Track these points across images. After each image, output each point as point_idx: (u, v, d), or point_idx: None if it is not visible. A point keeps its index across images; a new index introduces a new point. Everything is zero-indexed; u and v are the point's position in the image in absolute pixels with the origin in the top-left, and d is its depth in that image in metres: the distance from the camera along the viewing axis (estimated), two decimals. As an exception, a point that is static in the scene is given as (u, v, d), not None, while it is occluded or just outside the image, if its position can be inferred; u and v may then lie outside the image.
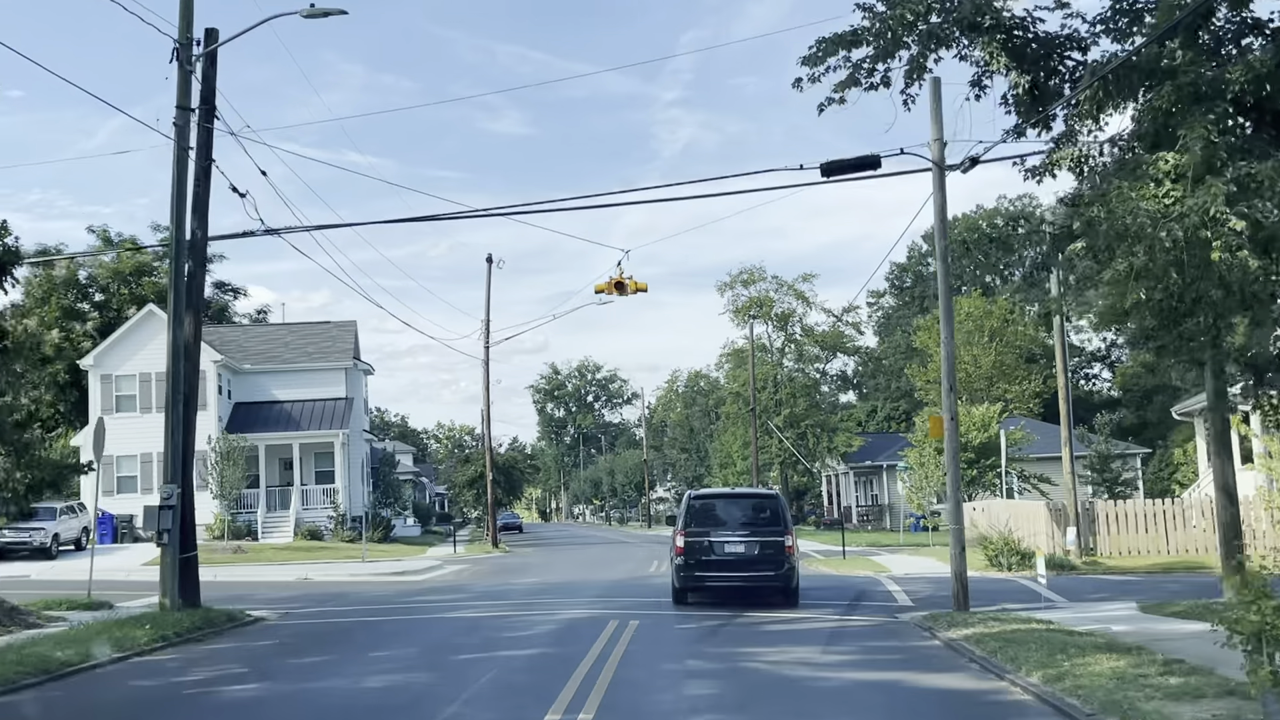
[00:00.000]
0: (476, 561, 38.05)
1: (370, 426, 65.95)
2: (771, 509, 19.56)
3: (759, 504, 20.07)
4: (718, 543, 18.76)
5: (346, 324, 54.89)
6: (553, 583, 25.68)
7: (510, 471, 51.66)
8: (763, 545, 18.70)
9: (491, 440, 48.49)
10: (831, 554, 39.94)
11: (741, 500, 20.82)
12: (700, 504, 19.92)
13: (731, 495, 22.47)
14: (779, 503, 20.03)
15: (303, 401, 51.47)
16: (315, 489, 50.30)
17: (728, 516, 19.45)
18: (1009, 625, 14.80)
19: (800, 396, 61.16)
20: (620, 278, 25.42)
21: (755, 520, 19.22)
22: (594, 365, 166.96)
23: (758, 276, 62.00)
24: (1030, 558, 27.04)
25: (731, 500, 20.86)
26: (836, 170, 17.82)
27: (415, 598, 22.25)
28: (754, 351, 54.28)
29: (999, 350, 78.47)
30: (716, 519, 19.38)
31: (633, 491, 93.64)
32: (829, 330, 63.33)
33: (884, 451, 64.12)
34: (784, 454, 59.10)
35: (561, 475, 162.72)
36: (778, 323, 62.38)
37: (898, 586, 22.52)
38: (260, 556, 41.35)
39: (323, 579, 29.05)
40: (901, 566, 29.88)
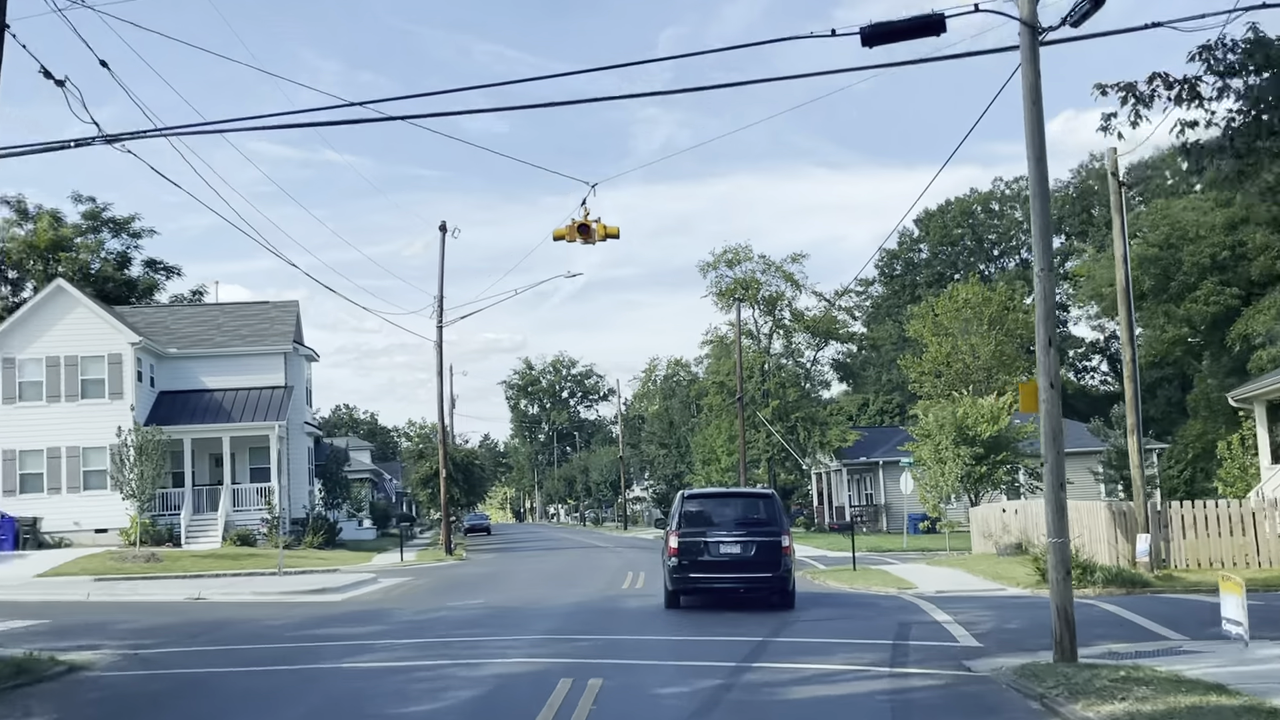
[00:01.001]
0: (421, 573, 32.63)
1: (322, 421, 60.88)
2: (767, 509, 19.23)
3: (754, 503, 19.73)
4: (713, 543, 18.41)
5: (287, 304, 49.33)
6: (501, 606, 20.28)
7: (470, 469, 46.18)
8: (759, 546, 18.38)
9: (448, 433, 42.93)
10: (835, 562, 34.73)
11: (736, 500, 20.47)
12: (694, 504, 19.56)
13: (726, 494, 22.27)
14: (774, 502, 19.62)
15: (236, 390, 45.89)
16: (249, 488, 44.74)
17: (722, 516, 19.09)
18: (1170, 697, 9.58)
19: (790, 387, 55.99)
20: (585, 219, 20.10)
21: (750, 520, 18.86)
22: (569, 360, 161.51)
23: (743, 256, 56.85)
24: (1092, 571, 21.89)
25: (726, 500, 20.55)
26: (884, 36, 12.56)
27: (315, 630, 16.88)
28: (740, 334, 49.03)
29: (999, 339, 73.61)
30: (711, 519, 19.01)
31: (608, 490, 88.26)
32: (821, 314, 58.17)
33: (880, 447, 59.03)
34: (773, 449, 53.96)
35: (535, 474, 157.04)
36: (765, 307, 57.21)
37: (945, 615, 17.27)
38: (176, 566, 35.98)
39: (220, 598, 23.62)
40: (928, 580, 24.67)
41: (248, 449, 46.00)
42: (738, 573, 18.44)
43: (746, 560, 18.35)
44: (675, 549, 18.38)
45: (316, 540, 43.45)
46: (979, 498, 46.68)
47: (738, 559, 18.38)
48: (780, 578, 18.44)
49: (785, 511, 21.37)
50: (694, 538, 18.40)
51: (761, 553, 18.32)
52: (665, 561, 19.11)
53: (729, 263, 56.66)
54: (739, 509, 19.42)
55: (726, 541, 18.44)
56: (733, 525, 18.76)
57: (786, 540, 18.52)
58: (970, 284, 77.05)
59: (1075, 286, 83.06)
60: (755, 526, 18.64)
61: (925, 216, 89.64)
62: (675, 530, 18.62)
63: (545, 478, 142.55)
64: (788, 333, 57.69)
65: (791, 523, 63.53)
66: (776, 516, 19.02)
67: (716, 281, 56.63)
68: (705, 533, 18.49)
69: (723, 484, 49.98)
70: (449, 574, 31.91)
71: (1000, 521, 29.44)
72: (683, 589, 18.66)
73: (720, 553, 18.40)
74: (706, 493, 22.38)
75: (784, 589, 18.65)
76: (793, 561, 19.06)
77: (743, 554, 18.38)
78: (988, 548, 31.17)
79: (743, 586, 18.64)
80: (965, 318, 74.04)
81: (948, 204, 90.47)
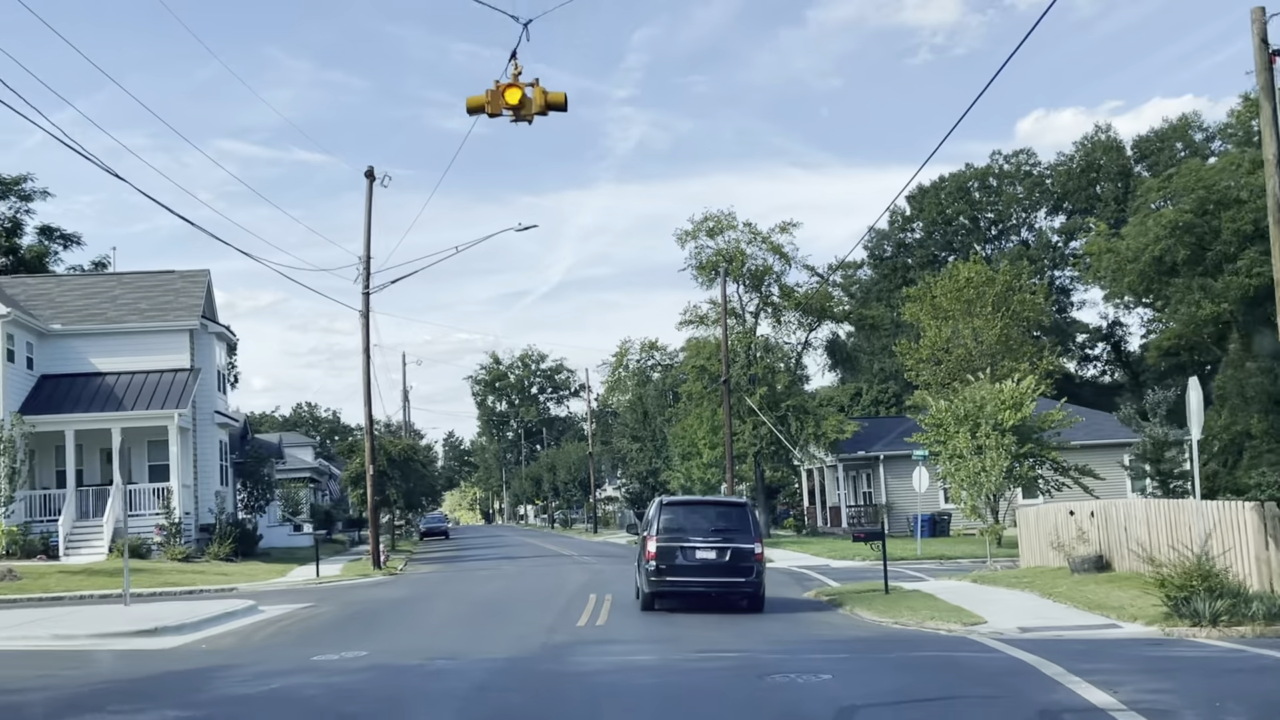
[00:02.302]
0: (327, 596, 25.73)
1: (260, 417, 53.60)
2: (740, 517, 19.92)
3: (728, 512, 20.40)
4: (689, 549, 19.15)
5: (195, 274, 42.20)
6: (386, 666, 13.38)
7: (410, 465, 39.19)
8: (734, 552, 19.15)
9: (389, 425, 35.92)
10: (844, 575, 28.13)
11: (712, 507, 21.26)
12: (672, 510, 20.12)
13: (702, 502, 23.23)
14: (748, 510, 20.44)
15: (133, 374, 38.86)
16: (146, 489, 37.76)
17: (699, 523, 19.69)
18: None
19: (780, 372, 49.32)
20: (515, 82, 13.34)
21: (725, 528, 19.50)
22: (538, 355, 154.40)
23: (726, 224, 50.03)
24: (1247, 603, 15.31)
25: (702, 507, 21.35)
26: None
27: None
28: (726, 307, 42.26)
29: (1004, 322, 67.22)
30: (687, 525, 19.58)
31: (576, 490, 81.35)
32: (815, 290, 51.50)
33: (880, 439, 52.53)
34: (760, 441, 47.31)
35: (504, 473, 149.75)
36: (751, 282, 50.42)
37: (1098, 694, 10.38)
38: (34, 586, 29.36)
39: (5, 645, 16.68)
40: (998, 611, 18.02)
41: (146, 443, 38.99)
42: (713, 577, 19.19)
43: (721, 566, 19.09)
44: (653, 554, 19.03)
45: (224, 550, 36.51)
46: (1000, 499, 40.53)
47: (713, 564, 19.08)
48: (753, 583, 19.32)
49: (758, 520, 21.55)
50: (672, 543, 19.06)
51: (736, 559, 19.09)
52: (643, 566, 19.65)
53: (710, 232, 49.92)
54: (714, 517, 20.02)
55: (702, 547, 19.10)
56: (708, 532, 19.35)
57: (759, 548, 19.37)
58: (973, 262, 70.73)
59: (1081, 268, 76.85)
60: (730, 534, 19.28)
61: (919, 193, 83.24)
62: (654, 536, 19.16)
63: (513, 477, 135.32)
64: (776, 311, 50.98)
65: (777, 524, 57.03)
66: (750, 525, 19.66)
67: (696, 253, 49.94)
68: (682, 539, 19.13)
69: (704, 481, 43.45)
70: (360, 598, 25.01)
71: (1071, 527, 22.84)
72: (659, 592, 19.39)
73: (696, 558, 19.07)
74: (684, 500, 23.32)
75: (755, 594, 19.53)
76: (764, 568, 19.89)
77: (718, 560, 19.09)
78: (1048, 559, 24.60)
79: (717, 591, 19.44)
80: (967, 299, 67.64)
81: (942, 180, 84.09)
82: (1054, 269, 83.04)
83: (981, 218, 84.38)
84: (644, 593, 19.61)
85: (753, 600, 19.51)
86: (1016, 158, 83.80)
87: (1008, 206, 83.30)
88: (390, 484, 38.60)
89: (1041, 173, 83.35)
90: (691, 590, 19.30)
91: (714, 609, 19.20)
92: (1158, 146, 77.52)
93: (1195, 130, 76.49)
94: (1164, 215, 51.18)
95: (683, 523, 19.55)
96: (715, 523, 19.66)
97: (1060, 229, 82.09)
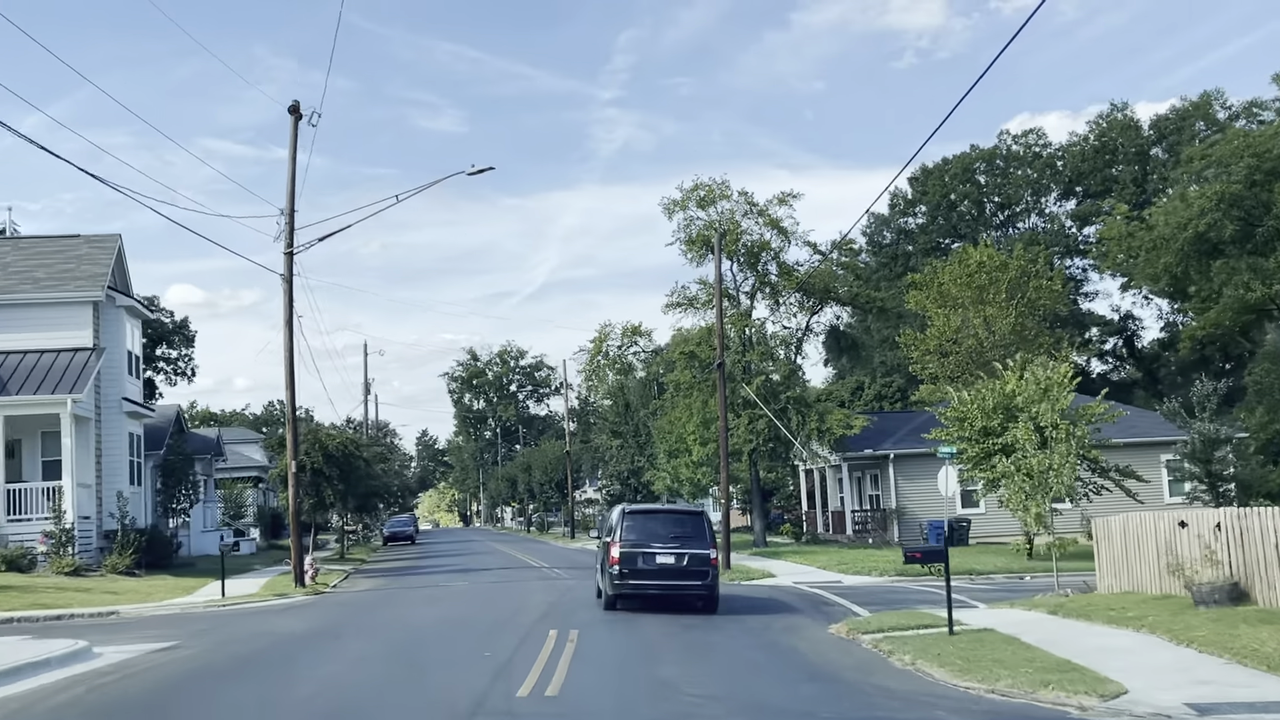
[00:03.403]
0: (208, 629, 19.93)
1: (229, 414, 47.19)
2: (696, 525, 21.45)
3: (685, 520, 21.86)
4: (649, 554, 20.58)
5: (103, 239, 36.23)
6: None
7: (352, 461, 33.29)
8: (691, 557, 20.67)
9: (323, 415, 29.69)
10: (865, 597, 22.57)
11: (670, 515, 22.55)
12: (634, 519, 21.41)
13: (662, 511, 23.66)
14: (704, 519, 21.94)
15: (23, 353, 32.96)
16: (36, 488, 31.91)
17: (658, 531, 21.06)
18: None
19: (779, 360, 43.65)
20: None
21: (683, 534, 20.99)
22: (517, 351, 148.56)
23: (719, 194, 44.26)
24: None
25: (661, 515, 22.53)
26: None
27: None
28: (720, 275, 36.53)
29: (1019, 312, 61.75)
30: (648, 532, 20.93)
31: (553, 491, 75.54)
32: (818, 268, 45.79)
33: (889, 436, 46.94)
34: (756, 438, 41.64)
35: (481, 474, 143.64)
36: (746, 259, 44.68)
37: None
38: None
39: None
40: (1137, 671, 12.41)
41: (39, 435, 33.20)
42: (671, 580, 20.77)
43: (680, 569, 20.71)
44: (617, 558, 20.54)
45: (124, 562, 30.64)
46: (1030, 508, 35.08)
47: (671, 568, 20.68)
48: (708, 585, 20.93)
49: (713, 528, 22.90)
50: (634, 549, 20.60)
51: (693, 563, 20.73)
52: (606, 569, 21.02)
53: (701, 202, 44.19)
54: (672, 524, 21.48)
55: (662, 553, 20.68)
56: (667, 539, 20.87)
57: (714, 554, 21.29)
58: (985, 246, 65.23)
59: (1096, 255, 71.47)
60: (687, 540, 20.89)
61: (921, 174, 77.73)
62: (617, 542, 20.65)
63: (490, 478, 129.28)
64: (774, 292, 45.28)
65: (774, 530, 51.38)
66: (705, 532, 21.32)
67: (685, 225, 44.17)
68: (643, 545, 20.66)
69: (693, 482, 37.89)
70: (251, 631, 19.22)
71: (1191, 543, 17.20)
72: (622, 593, 20.76)
73: (656, 563, 20.64)
74: (645, 509, 23.60)
75: (710, 595, 21.06)
76: (719, 572, 21.80)
77: (676, 564, 20.70)
78: (1143, 582, 19.01)
79: (674, 593, 20.94)
80: (979, 285, 62.11)
81: (945, 163, 78.63)
82: (1065, 257, 77.65)
83: (988, 202, 78.95)
84: (607, 594, 21.14)
85: (707, 601, 21.08)
86: (1025, 138, 78.45)
87: (1016, 190, 77.86)
88: (328, 484, 32.78)
89: (1052, 154, 77.94)
90: (651, 592, 20.79)
91: (672, 609, 20.59)
92: (1177, 126, 72.19)
93: (1219, 108, 71.22)
94: (1210, 188, 45.67)
95: (643, 530, 20.98)
96: (673, 530, 21.15)
97: (1073, 213, 76.64)
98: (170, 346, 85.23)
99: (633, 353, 46.44)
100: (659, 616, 20.16)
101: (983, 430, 35.86)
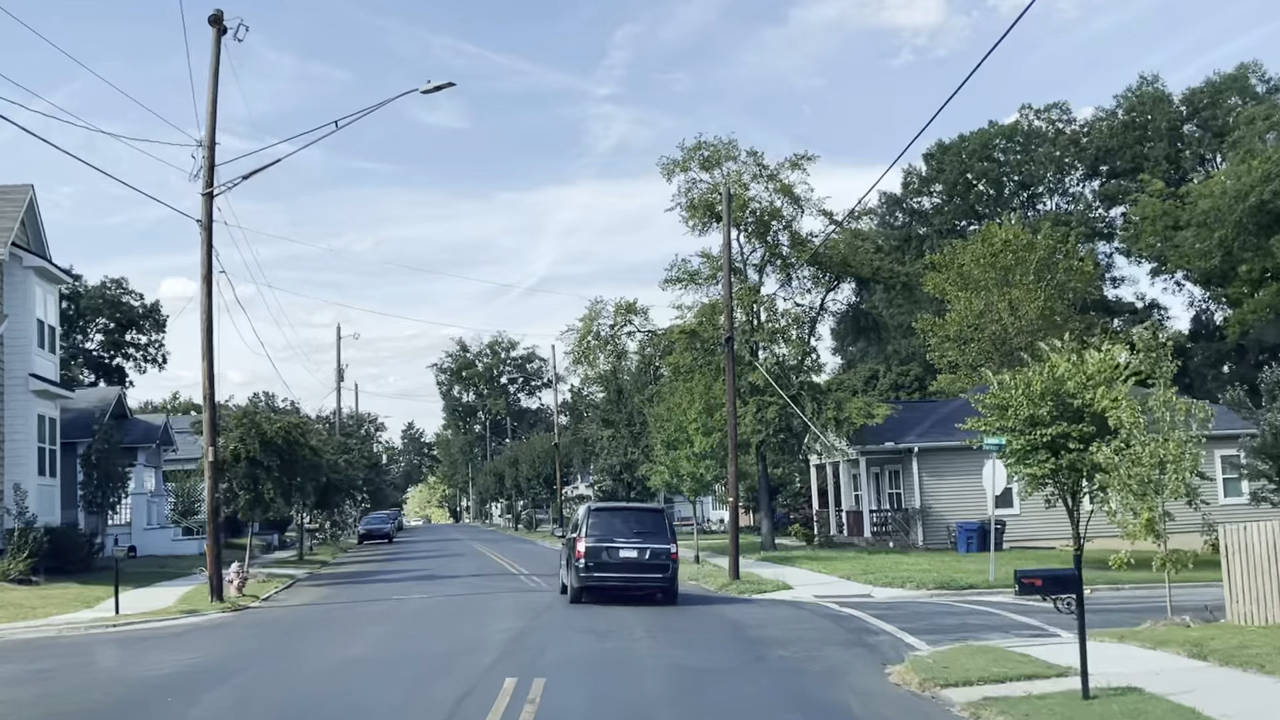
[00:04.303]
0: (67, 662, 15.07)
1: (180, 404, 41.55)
2: (657, 521, 22.80)
3: (646, 517, 23.27)
4: (614, 549, 21.69)
5: (10, 189, 31.15)
6: None
7: (296, 451, 28.24)
8: (652, 552, 21.87)
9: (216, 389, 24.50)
10: (931, 624, 17.53)
11: (633, 513, 24.26)
12: (599, 515, 22.83)
13: (626, 509, 25.75)
14: (664, 516, 23.56)
15: (-91, 321, 27.96)
16: (-81, 480, 26.93)
17: (621, 527, 22.24)
18: None
19: (792, 341, 38.70)
20: None
21: (644, 530, 22.21)
22: (508, 342, 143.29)
23: (725, 154, 39.23)
24: None
25: (624, 513, 24.19)
26: None
27: None
28: (729, 234, 31.53)
29: (1047, 294, 56.94)
30: (613, 529, 22.14)
31: (541, 486, 70.53)
32: (836, 238, 40.82)
33: (912, 428, 41.98)
34: (767, 428, 36.73)
35: (469, 468, 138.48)
36: (755, 228, 39.63)
37: None
38: None
39: None
40: None
41: (-73, 418, 28.28)
42: (634, 573, 21.83)
43: (642, 563, 21.83)
44: (583, 553, 21.55)
45: (17, 566, 25.74)
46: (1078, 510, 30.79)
47: (634, 562, 21.78)
48: (668, 578, 22.00)
49: (673, 525, 24.05)
50: (599, 544, 21.67)
51: (654, 557, 21.87)
52: (573, 564, 21.99)
53: (705, 163, 39.21)
54: (634, 521, 22.73)
55: (625, 548, 21.78)
56: (630, 535, 22.00)
57: (674, 548, 22.07)
58: (1012, 223, 60.32)
59: (1126, 237, 66.57)
60: (649, 535, 22.06)
61: (938, 151, 72.74)
62: (583, 537, 21.74)
63: (479, 473, 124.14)
64: (786, 265, 40.31)
65: (782, 530, 46.53)
66: (665, 528, 22.51)
67: (687, 189, 39.23)
68: (608, 540, 21.74)
69: (695, 477, 32.87)
70: (115, 672, 14.38)
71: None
72: (588, 586, 21.64)
73: (620, 557, 21.70)
74: (609, 507, 25.18)
75: (669, 588, 22.13)
76: (678, 565, 22.50)
77: (639, 558, 21.81)
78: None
79: (637, 585, 21.98)
80: (1004, 265, 57.25)
81: (963, 139, 73.69)
82: (1089, 241, 72.78)
83: (1008, 181, 73.99)
84: (573, 588, 22.02)
85: (667, 594, 22.08)
86: (1049, 113, 73.46)
87: (1038, 169, 72.92)
88: (266, 476, 27.78)
89: (1077, 131, 73.00)
90: (615, 585, 21.69)
91: (634, 601, 21.52)
92: (1211, 100, 67.24)
93: (1256, 81, 66.35)
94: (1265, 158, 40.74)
95: (608, 526, 22.11)
96: (635, 526, 22.29)
97: (1099, 194, 71.64)
98: (140, 331, 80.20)
99: (627, 332, 41.43)
100: (657, 655, 15.26)
101: (1029, 420, 31.15)
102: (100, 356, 79.45)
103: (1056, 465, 29.95)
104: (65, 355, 76.57)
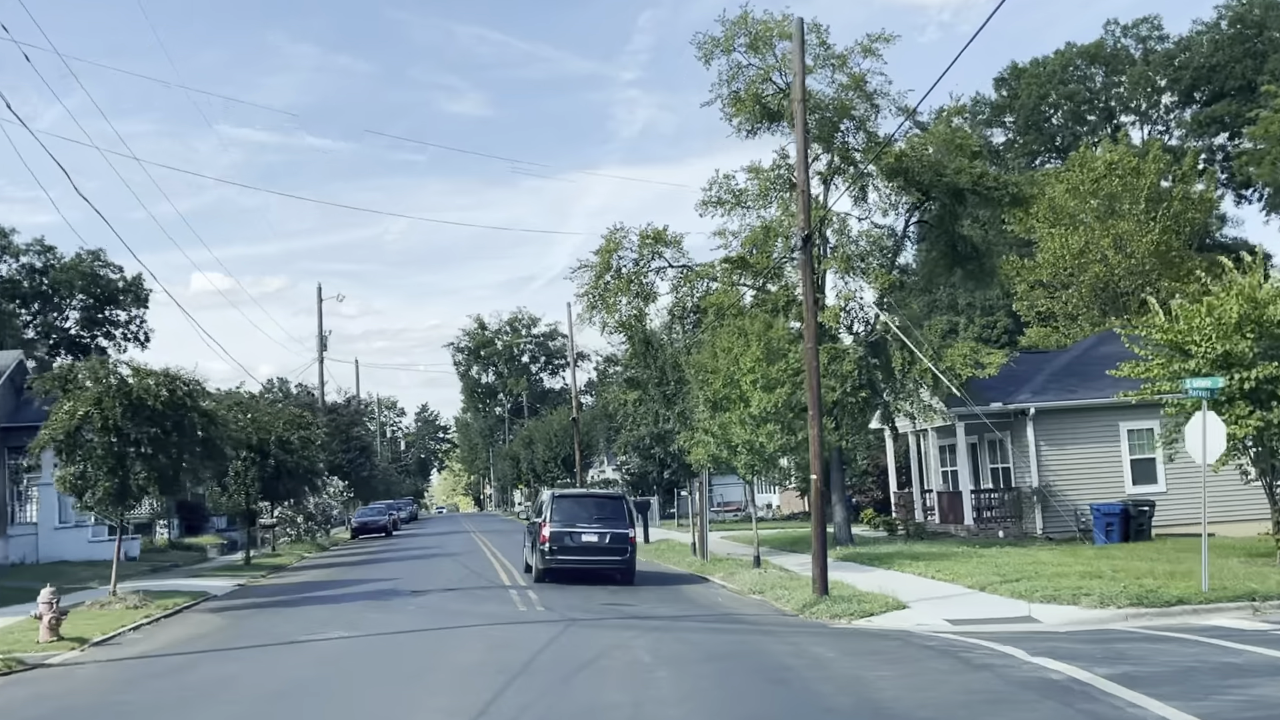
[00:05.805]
0: None
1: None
2: (616, 507, 24.15)
3: (606, 503, 24.54)
4: (576, 533, 23.07)
5: None
6: None
7: (184, 423, 19.35)
8: (612, 535, 23.19)
9: None
10: (1188, 682, 8.43)
11: (594, 500, 25.24)
12: (562, 502, 23.98)
13: (587, 495, 26.32)
14: (624, 501, 24.85)
15: None
16: None
17: (582, 513, 23.58)
18: None
19: (872, 271, 29.47)
20: None
21: (604, 516, 23.57)
22: (529, 318, 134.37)
23: (779, 31, 29.94)
24: None
25: (586, 499, 25.21)
26: None
27: None
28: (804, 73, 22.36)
29: (1161, 227, 47.37)
30: (575, 514, 23.50)
31: (559, 469, 61.66)
32: (920, 137, 31.55)
33: (1024, 385, 32.73)
34: (842, 384, 27.67)
35: (489, 453, 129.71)
36: (820, 129, 30.29)
37: None
38: None
39: None
40: None
41: None
42: (595, 556, 23.01)
43: (602, 547, 23.05)
44: (547, 537, 22.79)
45: None
46: None
47: (595, 545, 23.01)
48: (626, 560, 23.30)
49: (632, 510, 25.57)
50: (562, 529, 22.97)
51: (614, 540, 23.10)
52: (538, 547, 23.30)
53: (753, 43, 30.09)
54: (595, 508, 24.01)
55: (587, 532, 23.05)
56: (591, 520, 23.30)
57: (633, 533, 23.77)
58: (1118, 144, 50.70)
59: (1243, 162, 56.75)
60: (608, 520, 23.39)
61: (1012, 75, 63.02)
62: (547, 522, 23.02)
63: (498, 457, 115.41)
64: (860, 176, 31.02)
65: (856, 518, 37.47)
66: (625, 514, 23.82)
67: (730, 76, 30.09)
68: (571, 525, 23.11)
69: (753, 449, 23.87)
70: None
71: None
72: (552, 567, 22.90)
73: (582, 541, 22.96)
74: (571, 494, 25.93)
75: (628, 569, 23.44)
76: (635, 549, 23.92)
77: (599, 542, 23.03)
78: None
79: (598, 567, 23.06)
80: (1110, 193, 47.66)
81: (1037, 63, 63.91)
82: (1185, 178, 63.02)
83: (1090, 110, 64.18)
84: (538, 569, 23.47)
85: (624, 574, 23.44)
86: (1137, 29, 63.54)
87: (1126, 94, 63.08)
88: (137, 456, 18.86)
89: (1170, 50, 63.10)
90: (577, 567, 22.90)
91: (595, 582, 22.58)
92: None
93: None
94: None
95: (570, 512, 23.47)
96: (595, 512, 23.68)
97: (1205, 119, 61.58)
98: (120, 307, 71.98)
99: (655, 269, 32.30)
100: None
101: (1222, 359, 22.36)
102: (79, 336, 71.27)
103: (1265, 420, 21.38)
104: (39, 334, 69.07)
